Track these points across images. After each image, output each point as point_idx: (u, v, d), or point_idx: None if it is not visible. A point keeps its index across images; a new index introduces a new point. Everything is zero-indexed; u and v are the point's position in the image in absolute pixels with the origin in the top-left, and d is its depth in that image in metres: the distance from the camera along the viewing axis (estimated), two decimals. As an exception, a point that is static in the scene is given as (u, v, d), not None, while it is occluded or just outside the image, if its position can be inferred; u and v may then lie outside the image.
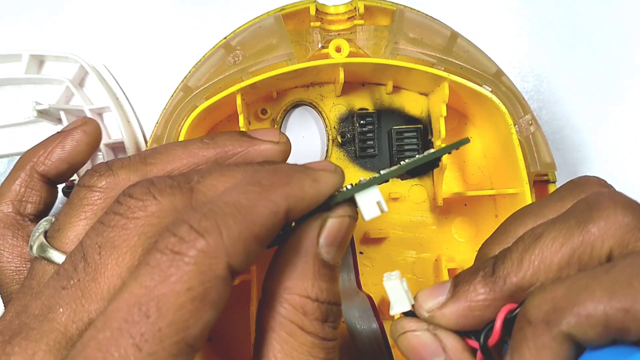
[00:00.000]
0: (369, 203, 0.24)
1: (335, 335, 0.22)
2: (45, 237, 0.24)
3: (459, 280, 0.24)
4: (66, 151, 0.31)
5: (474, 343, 0.23)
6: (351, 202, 0.24)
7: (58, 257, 0.23)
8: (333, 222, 0.23)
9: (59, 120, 0.42)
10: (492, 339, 0.22)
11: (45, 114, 0.40)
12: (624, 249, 0.20)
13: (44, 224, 0.25)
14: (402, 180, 0.27)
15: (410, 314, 0.24)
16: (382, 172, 0.24)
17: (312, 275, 0.22)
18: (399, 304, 0.24)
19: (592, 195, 0.22)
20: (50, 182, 0.31)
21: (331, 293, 0.22)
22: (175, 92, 0.37)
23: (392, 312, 0.24)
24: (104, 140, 0.41)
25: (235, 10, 0.44)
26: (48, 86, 0.43)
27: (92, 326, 0.19)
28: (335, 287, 0.22)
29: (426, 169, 0.25)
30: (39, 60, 0.43)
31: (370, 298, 0.31)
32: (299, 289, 0.21)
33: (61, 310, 0.20)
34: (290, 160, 0.40)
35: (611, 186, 0.24)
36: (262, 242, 0.20)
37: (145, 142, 0.42)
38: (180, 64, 0.43)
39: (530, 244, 0.22)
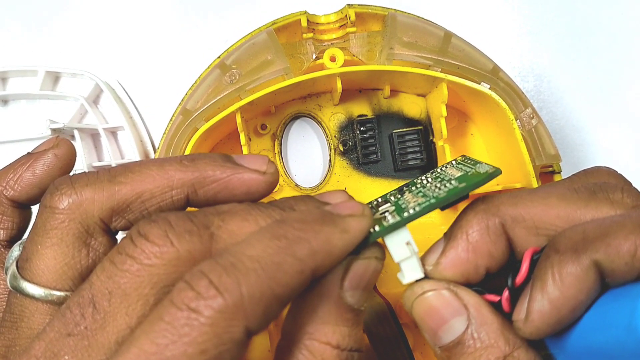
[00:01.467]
0: (399, 245, 0.22)
1: None
2: (17, 266, 0.23)
3: (452, 225, 0.24)
4: (37, 176, 0.28)
5: (491, 297, 0.23)
6: (377, 242, 0.23)
7: (32, 289, 0.22)
8: (359, 265, 0.21)
9: (72, 137, 0.42)
10: (520, 278, 0.22)
11: (59, 132, 0.41)
12: None
13: (16, 250, 0.24)
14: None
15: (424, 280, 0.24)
16: (411, 210, 0.22)
17: (334, 321, 0.21)
18: (412, 272, 0.23)
19: (604, 181, 0.23)
20: (22, 206, 0.29)
21: (353, 339, 0.21)
22: (174, 115, 0.37)
23: (405, 281, 0.23)
24: (117, 159, 0.41)
25: (227, 27, 0.44)
26: (62, 102, 0.43)
27: None
28: (358, 332, 0.21)
29: (458, 201, 0.23)
30: (54, 77, 0.43)
31: (388, 303, 0.31)
32: (319, 335, 0.20)
33: (66, 358, 0.19)
34: (295, 172, 0.41)
35: (621, 175, 0.24)
36: (283, 303, 0.19)
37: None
38: (175, 65, 0.44)
39: (534, 192, 0.23)
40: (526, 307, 0.21)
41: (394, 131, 0.39)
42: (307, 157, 0.41)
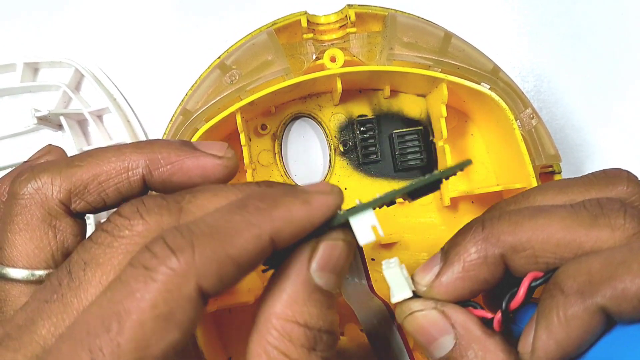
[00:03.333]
0: (364, 227, 0.22)
1: None
2: None
3: (449, 246, 0.24)
4: None
5: (482, 313, 0.23)
6: (347, 226, 0.23)
7: (14, 272, 0.23)
8: (326, 246, 0.21)
9: (60, 126, 0.42)
10: (515, 303, 0.22)
11: (45, 121, 0.40)
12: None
13: None
14: (404, 200, 0.26)
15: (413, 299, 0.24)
16: (377, 195, 0.23)
17: (302, 300, 0.21)
18: (400, 291, 0.24)
19: (607, 200, 0.22)
20: None
21: (323, 320, 0.21)
22: (174, 116, 0.37)
23: (393, 300, 0.24)
24: (106, 142, 0.41)
25: (227, 27, 0.44)
26: (45, 93, 0.43)
27: (60, 337, 0.19)
28: (330, 315, 0.21)
29: (427, 191, 0.24)
30: (33, 68, 0.43)
31: (386, 303, 0.31)
32: (286, 314, 0.20)
33: (42, 323, 0.20)
34: (295, 172, 0.41)
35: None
36: (241, 266, 0.19)
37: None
38: (175, 64, 0.44)
39: (537, 214, 0.22)
40: (531, 341, 0.21)
41: (394, 131, 0.39)
42: (307, 157, 0.41)
